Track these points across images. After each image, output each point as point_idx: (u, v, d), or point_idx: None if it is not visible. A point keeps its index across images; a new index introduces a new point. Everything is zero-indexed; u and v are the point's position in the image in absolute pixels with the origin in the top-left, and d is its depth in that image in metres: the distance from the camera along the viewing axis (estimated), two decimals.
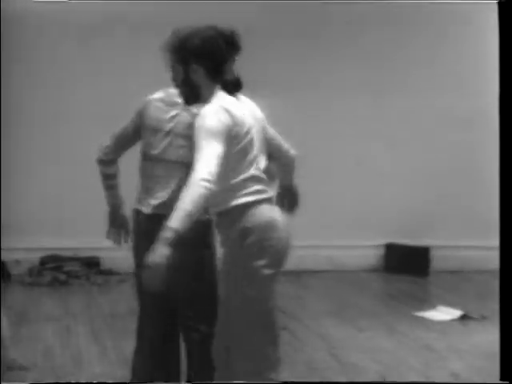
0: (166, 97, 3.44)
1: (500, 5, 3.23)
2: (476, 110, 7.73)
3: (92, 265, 7.33)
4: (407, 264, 7.68)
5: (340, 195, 7.79)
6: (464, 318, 5.98)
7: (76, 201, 7.35)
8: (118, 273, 7.31)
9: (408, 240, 7.79)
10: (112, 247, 8.15)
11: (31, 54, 7.34)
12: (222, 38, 3.03)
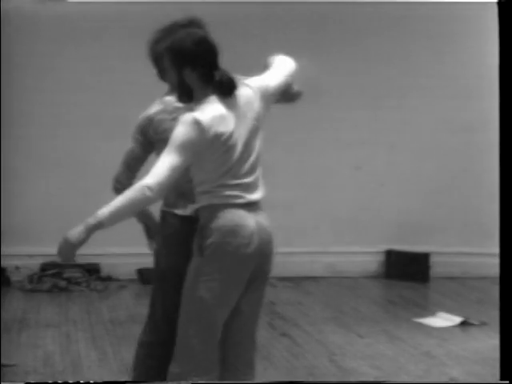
0: (166, 106, 3.44)
1: (500, 5, 3.23)
2: (477, 114, 7.72)
3: (92, 271, 7.33)
4: (407, 270, 7.68)
5: (339, 201, 7.79)
6: (464, 325, 5.99)
7: (76, 207, 7.32)
8: (118, 279, 7.31)
9: (408, 246, 7.79)
10: (112, 254, 8.13)
11: (31, 55, 7.30)
12: (211, 38, 3.03)
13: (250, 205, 3.06)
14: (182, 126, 2.92)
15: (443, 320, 6.09)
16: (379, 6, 7.56)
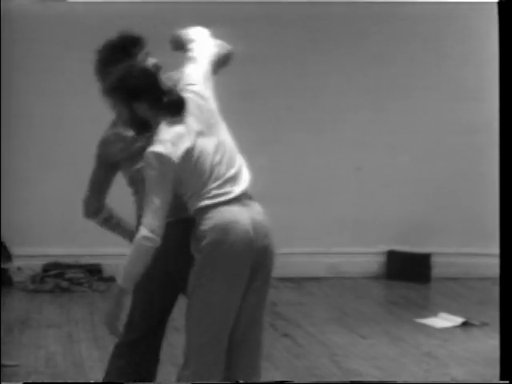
0: (118, 127, 3.43)
1: (500, 5, 3.23)
2: (480, 116, 7.71)
3: (94, 272, 7.34)
4: (408, 271, 7.68)
5: (341, 202, 7.79)
6: (465, 325, 5.99)
7: (78, 208, 7.33)
8: None
9: (409, 247, 7.79)
10: (114, 254, 8.12)
11: (31, 55, 7.30)
12: (152, 65, 3.15)
13: (241, 198, 3.07)
14: (149, 167, 2.97)
15: (445, 320, 6.10)
16: (382, 6, 7.55)
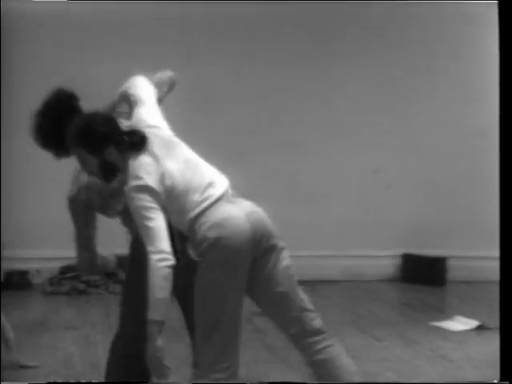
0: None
1: (500, 5, 3.24)
2: (488, 118, 7.70)
3: (110, 274, 7.38)
4: (424, 274, 7.69)
5: (357, 205, 7.81)
6: (480, 329, 5.99)
7: None
8: None
9: (424, 250, 7.80)
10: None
11: (31, 55, 7.31)
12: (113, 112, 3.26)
13: (225, 197, 3.12)
14: (133, 200, 3.04)
15: (460, 324, 6.10)
16: (393, 6, 7.56)
